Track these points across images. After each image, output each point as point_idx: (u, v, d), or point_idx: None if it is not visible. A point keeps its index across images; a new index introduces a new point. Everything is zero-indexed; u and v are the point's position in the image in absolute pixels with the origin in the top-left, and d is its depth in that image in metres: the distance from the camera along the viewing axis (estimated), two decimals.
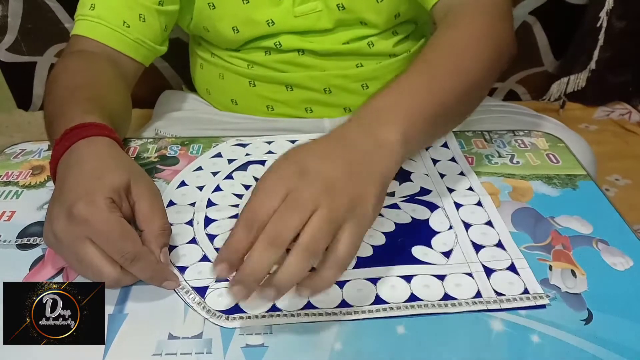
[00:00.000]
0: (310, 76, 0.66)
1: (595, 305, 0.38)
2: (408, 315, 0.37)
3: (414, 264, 0.41)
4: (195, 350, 0.35)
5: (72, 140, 0.43)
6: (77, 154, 0.42)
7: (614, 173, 1.03)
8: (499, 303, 0.38)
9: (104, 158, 0.42)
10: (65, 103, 0.49)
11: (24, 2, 1.03)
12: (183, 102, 0.77)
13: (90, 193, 0.38)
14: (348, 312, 0.37)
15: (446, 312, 0.37)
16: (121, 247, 0.37)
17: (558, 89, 1.16)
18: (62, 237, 0.37)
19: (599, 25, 1.06)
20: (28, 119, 1.15)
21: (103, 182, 0.39)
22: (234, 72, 0.68)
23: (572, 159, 0.54)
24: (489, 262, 0.41)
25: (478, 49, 0.48)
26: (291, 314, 0.37)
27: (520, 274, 0.40)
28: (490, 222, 0.45)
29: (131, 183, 0.41)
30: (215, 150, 0.56)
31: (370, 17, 0.63)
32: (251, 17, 0.62)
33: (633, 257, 0.42)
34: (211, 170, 0.52)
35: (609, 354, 0.34)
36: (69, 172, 0.41)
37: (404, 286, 0.39)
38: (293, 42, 0.64)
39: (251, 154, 0.55)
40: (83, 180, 0.39)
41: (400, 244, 0.43)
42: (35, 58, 1.11)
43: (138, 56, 0.61)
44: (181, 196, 0.49)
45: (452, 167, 0.53)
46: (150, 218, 0.40)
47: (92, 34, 0.58)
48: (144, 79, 0.67)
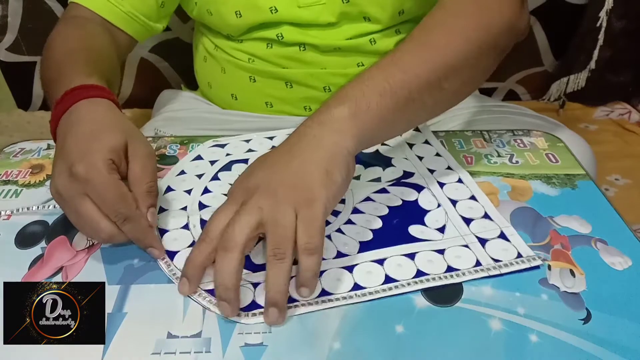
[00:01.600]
0: (311, 73, 0.66)
1: (594, 305, 0.38)
2: (416, 291, 0.39)
3: (414, 242, 0.43)
4: (194, 349, 0.35)
5: (73, 100, 0.44)
6: (77, 114, 0.44)
7: (613, 173, 1.03)
8: (498, 269, 0.40)
9: (103, 119, 0.44)
10: (63, 65, 0.51)
11: (24, 2, 1.03)
12: (182, 102, 0.77)
13: (89, 154, 0.40)
14: (363, 293, 0.39)
15: (452, 282, 0.39)
16: (116, 208, 0.39)
17: (558, 88, 1.16)
18: (63, 192, 0.40)
19: (599, 25, 1.06)
20: (28, 118, 1.15)
21: (102, 143, 0.41)
22: (235, 66, 0.68)
23: (571, 159, 0.54)
24: (481, 233, 0.44)
25: (454, 26, 0.47)
26: (309, 302, 0.38)
27: (511, 241, 0.43)
28: (474, 196, 0.48)
29: (128, 143, 0.43)
30: (193, 153, 0.55)
31: (374, 11, 0.62)
32: (254, 2, 0.62)
33: (632, 257, 0.42)
34: (195, 174, 0.52)
35: (607, 354, 0.35)
36: (70, 131, 0.43)
37: (410, 263, 0.41)
38: (295, 35, 0.64)
39: (232, 153, 0.56)
40: (82, 141, 0.41)
41: (397, 225, 0.45)
42: (35, 58, 1.10)
43: (129, 29, 0.62)
44: (171, 201, 0.49)
45: (427, 148, 0.55)
46: (139, 179, 0.42)
47: (86, 3, 0.60)
48: (144, 78, 0.67)
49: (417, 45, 0.46)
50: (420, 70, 0.44)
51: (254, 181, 0.40)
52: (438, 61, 0.45)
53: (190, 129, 0.68)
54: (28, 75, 1.13)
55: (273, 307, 0.36)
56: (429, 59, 0.45)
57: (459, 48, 0.46)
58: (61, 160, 0.41)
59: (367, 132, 0.43)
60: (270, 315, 0.36)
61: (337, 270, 0.41)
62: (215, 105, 0.75)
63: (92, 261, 0.42)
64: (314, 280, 0.38)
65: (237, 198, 0.39)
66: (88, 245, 0.44)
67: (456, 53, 0.45)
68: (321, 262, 0.38)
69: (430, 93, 0.45)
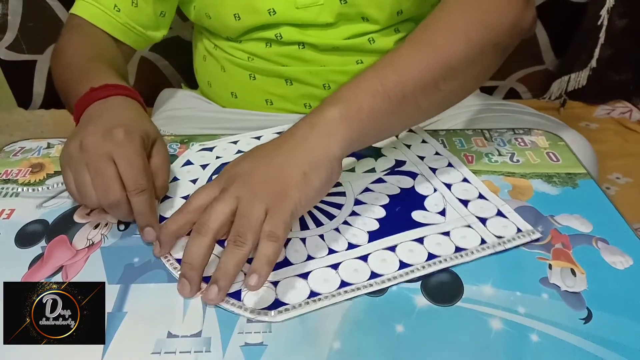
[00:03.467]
0: (310, 71, 0.66)
1: (595, 304, 0.38)
2: (429, 275, 0.40)
3: (419, 227, 0.45)
4: (195, 348, 0.35)
5: (112, 92, 0.49)
6: (117, 102, 0.48)
7: (614, 171, 1.03)
8: (502, 245, 0.42)
9: (141, 112, 0.49)
10: (85, 69, 0.54)
11: (24, 1, 1.03)
12: (182, 100, 0.77)
13: (130, 126, 0.44)
14: (382, 280, 0.40)
15: (462, 262, 0.41)
16: (138, 178, 0.42)
17: (559, 87, 1.16)
18: (91, 148, 0.42)
19: (600, 24, 1.06)
20: (28, 117, 1.15)
21: (141, 124, 0.46)
22: (234, 65, 0.68)
23: (572, 158, 0.54)
24: (480, 213, 0.46)
25: (454, 26, 0.46)
26: (332, 294, 0.39)
27: (509, 217, 0.45)
28: (466, 179, 0.50)
29: (157, 139, 0.47)
30: (182, 159, 0.55)
31: (373, 12, 0.62)
32: (253, 5, 0.62)
33: (633, 256, 0.42)
34: (189, 179, 0.52)
35: (608, 353, 0.34)
36: (108, 110, 0.47)
37: (420, 248, 0.42)
38: (293, 35, 0.64)
39: (222, 156, 0.55)
40: (124, 117, 0.46)
41: (400, 212, 0.47)
42: (36, 56, 1.10)
43: (127, 40, 0.64)
44: (170, 209, 0.47)
45: (412, 136, 0.57)
46: (158, 172, 0.45)
47: (86, 15, 0.61)
48: (144, 77, 0.68)
49: (416, 45, 0.46)
50: (416, 71, 0.44)
51: (238, 169, 0.42)
52: (436, 62, 0.45)
53: (190, 128, 0.68)
54: (28, 74, 1.13)
55: (214, 284, 0.38)
56: (427, 59, 0.45)
57: (459, 48, 0.45)
58: (94, 125, 0.44)
59: (358, 134, 0.43)
60: (210, 293, 0.38)
61: (352, 261, 0.41)
62: (215, 104, 0.75)
63: (91, 260, 0.42)
64: (267, 269, 0.37)
65: (221, 182, 0.42)
66: (88, 244, 0.44)
67: (456, 53, 0.45)
68: (278, 254, 0.38)
69: (426, 94, 0.45)
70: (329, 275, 0.40)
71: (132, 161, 0.42)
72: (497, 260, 0.42)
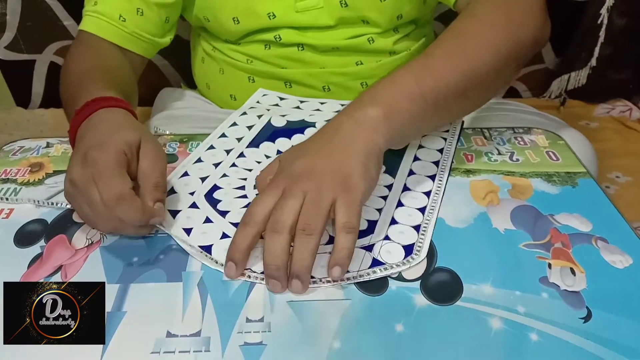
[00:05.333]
0: (309, 73, 0.66)
1: (595, 304, 0.38)
2: None
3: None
4: (194, 348, 0.35)
5: (92, 109, 0.48)
6: (97, 119, 0.47)
7: (614, 170, 1.03)
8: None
9: (121, 121, 0.47)
10: (82, 83, 0.53)
11: (22, 0, 1.03)
12: (182, 100, 0.77)
13: (104, 143, 0.43)
14: None
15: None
16: (110, 185, 0.40)
17: (559, 86, 1.16)
18: (77, 181, 0.41)
19: (600, 23, 1.06)
20: (27, 116, 1.15)
21: (118, 135, 0.44)
22: (233, 67, 0.68)
23: (571, 157, 0.54)
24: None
25: (485, 36, 0.48)
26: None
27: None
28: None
29: (141, 142, 0.45)
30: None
31: (373, 16, 0.62)
32: (252, 9, 0.62)
33: (632, 255, 0.42)
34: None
35: (608, 352, 0.34)
36: (89, 130, 0.46)
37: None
38: (293, 37, 0.64)
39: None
40: (100, 134, 0.45)
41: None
42: (34, 56, 1.10)
43: (136, 49, 0.63)
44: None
45: None
46: (148, 175, 0.44)
47: (93, 29, 0.61)
48: (143, 76, 0.67)
49: (449, 52, 0.47)
50: (450, 78, 0.45)
51: (295, 168, 0.42)
52: (467, 70, 0.46)
53: (189, 127, 0.68)
54: (27, 74, 1.13)
55: (296, 279, 0.38)
56: (459, 67, 0.46)
57: (487, 58, 0.47)
58: (75, 154, 0.43)
59: (397, 132, 0.45)
60: (294, 287, 0.38)
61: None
62: (215, 104, 0.74)
63: (91, 260, 0.42)
64: (347, 261, 0.39)
65: (279, 184, 0.41)
66: (87, 243, 0.44)
67: (485, 63, 0.47)
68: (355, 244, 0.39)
69: (456, 100, 0.47)
70: None
71: (102, 173, 0.41)
72: (497, 260, 0.42)
